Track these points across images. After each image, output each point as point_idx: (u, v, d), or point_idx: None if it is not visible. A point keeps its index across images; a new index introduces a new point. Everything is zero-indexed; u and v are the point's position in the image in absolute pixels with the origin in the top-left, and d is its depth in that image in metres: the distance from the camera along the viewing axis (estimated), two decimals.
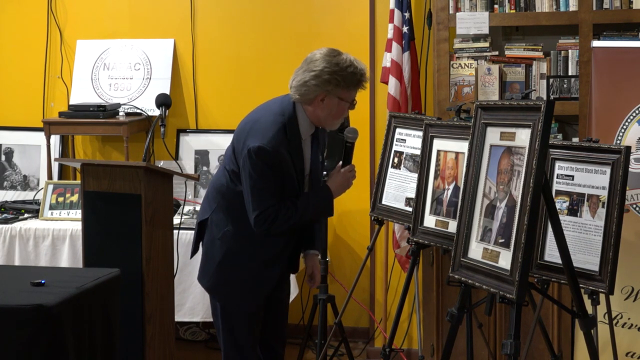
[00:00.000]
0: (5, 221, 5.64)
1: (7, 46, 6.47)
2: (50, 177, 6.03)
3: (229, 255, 4.00)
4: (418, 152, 4.62)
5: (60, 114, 6.00)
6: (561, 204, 3.89)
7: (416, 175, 4.59)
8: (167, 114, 5.07)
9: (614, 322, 4.24)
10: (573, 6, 5.04)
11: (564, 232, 3.37)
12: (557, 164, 3.95)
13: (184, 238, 5.24)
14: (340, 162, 4.10)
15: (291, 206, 3.88)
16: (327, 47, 3.93)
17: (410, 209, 4.62)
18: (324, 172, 4.14)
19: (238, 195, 3.93)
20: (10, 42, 6.46)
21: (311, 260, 4.26)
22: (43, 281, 3.64)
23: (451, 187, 4.35)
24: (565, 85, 5.12)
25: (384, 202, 4.90)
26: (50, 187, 5.84)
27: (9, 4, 6.43)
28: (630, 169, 3.92)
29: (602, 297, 3.85)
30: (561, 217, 3.58)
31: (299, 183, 3.97)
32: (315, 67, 3.83)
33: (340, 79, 3.82)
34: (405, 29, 5.50)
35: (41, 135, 6.05)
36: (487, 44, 5.24)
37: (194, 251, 4.20)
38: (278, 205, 3.85)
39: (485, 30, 5.19)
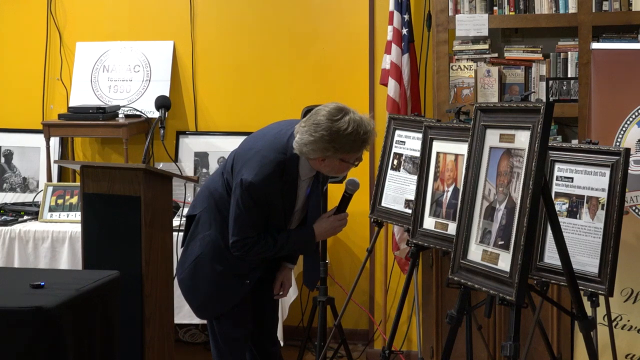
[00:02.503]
0: (5, 223, 5.64)
1: (6, 48, 6.47)
2: (49, 179, 6.03)
3: (204, 256, 4.04)
4: (417, 154, 4.61)
5: (60, 116, 6.00)
6: (560, 205, 3.89)
7: (416, 177, 4.59)
8: (166, 116, 5.07)
9: (614, 324, 4.24)
10: (572, 8, 5.04)
11: (563, 234, 3.37)
12: (557, 165, 3.95)
13: None
14: (334, 208, 4.13)
15: (270, 240, 3.94)
16: (335, 103, 3.84)
17: (409, 211, 4.61)
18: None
19: (227, 204, 3.98)
20: (9, 44, 6.46)
21: (281, 272, 4.29)
22: (42, 283, 3.64)
23: (451, 189, 4.35)
24: (564, 87, 5.12)
25: (383, 204, 4.90)
26: (50, 189, 5.84)
27: (8, 6, 6.43)
28: (629, 171, 3.92)
29: (601, 299, 3.85)
30: (561, 219, 3.58)
31: (287, 216, 4.01)
32: (316, 131, 3.75)
33: (339, 146, 3.76)
34: (404, 31, 5.50)
35: (41, 137, 6.05)
36: (486, 46, 5.24)
37: (183, 243, 4.25)
38: (257, 237, 3.92)
39: (485, 32, 5.19)
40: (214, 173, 4.21)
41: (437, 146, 4.48)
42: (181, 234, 5.04)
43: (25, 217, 5.81)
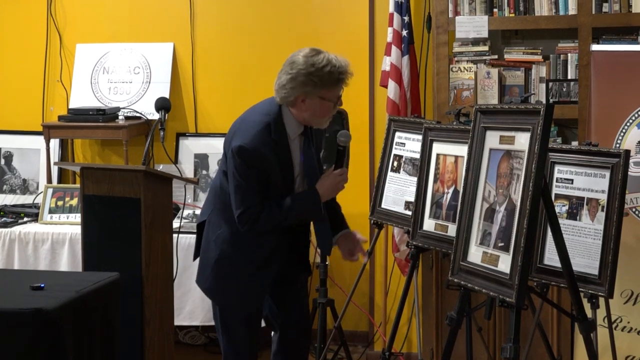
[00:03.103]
0: (5, 225, 5.64)
1: (6, 50, 6.47)
2: (49, 180, 6.03)
3: (222, 257, 4.00)
4: (417, 155, 4.62)
5: (60, 118, 6.00)
6: (560, 207, 3.89)
7: (415, 178, 4.59)
8: (166, 117, 5.07)
9: (614, 325, 4.23)
10: (572, 10, 5.04)
11: (563, 236, 3.37)
12: (557, 167, 3.95)
13: (184, 242, 5.24)
14: (333, 166, 4.08)
15: (274, 206, 3.88)
16: (310, 47, 3.92)
17: (409, 213, 4.62)
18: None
19: (230, 197, 3.95)
20: (9, 46, 6.46)
21: (346, 238, 4.23)
22: (42, 285, 3.64)
23: (451, 190, 4.36)
24: (564, 89, 5.12)
25: (383, 205, 4.91)
26: (50, 190, 5.84)
27: (8, 7, 6.43)
28: (629, 173, 3.92)
29: (601, 300, 3.85)
30: (560, 221, 3.58)
31: (288, 184, 3.96)
32: (292, 69, 3.83)
33: (316, 79, 3.80)
34: (404, 32, 5.50)
35: (41, 139, 6.04)
36: (486, 48, 5.24)
37: (196, 254, 4.19)
38: (261, 204, 3.86)
39: (485, 34, 5.19)
40: (215, 175, 4.20)
41: (437, 148, 4.48)
42: (182, 235, 5.09)
43: (25, 219, 5.81)
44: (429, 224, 4.42)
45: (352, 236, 4.24)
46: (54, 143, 6.21)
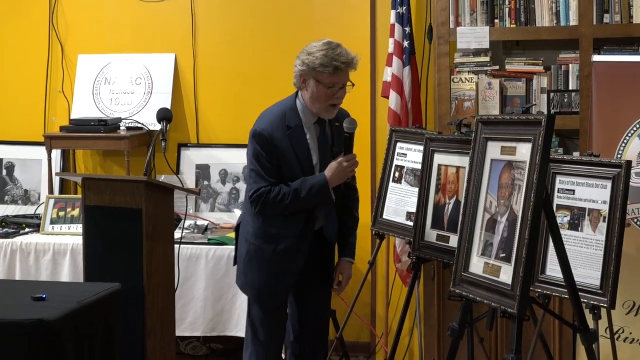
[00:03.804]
0: (7, 236, 5.64)
1: (8, 61, 6.48)
2: (51, 191, 6.03)
3: (251, 250, 4.23)
4: (419, 166, 4.61)
5: (62, 129, 6.01)
6: (562, 218, 3.89)
7: (417, 189, 4.59)
8: (168, 128, 5.08)
9: (616, 336, 4.23)
10: (574, 21, 5.05)
11: (565, 247, 3.37)
12: (558, 178, 3.95)
13: (185, 252, 5.24)
14: (343, 153, 4.24)
15: (284, 188, 4.10)
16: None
17: (411, 224, 4.61)
18: None
19: None
20: (11, 57, 6.47)
21: (340, 266, 4.43)
22: (44, 296, 3.64)
23: (452, 201, 4.35)
24: (566, 100, 5.12)
25: (385, 216, 4.90)
26: (52, 201, 5.84)
27: (10, 18, 6.44)
28: (631, 184, 3.92)
29: (603, 311, 3.85)
30: (562, 232, 3.57)
31: (307, 172, 4.16)
32: (301, 52, 4.20)
33: (310, 61, 4.09)
34: (406, 43, 5.51)
35: (42, 150, 6.05)
36: (487, 59, 5.25)
37: (235, 259, 4.41)
38: (271, 187, 4.10)
39: (486, 45, 5.19)
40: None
41: (439, 159, 4.48)
42: (183, 246, 5.12)
43: (27, 230, 5.81)
44: (430, 235, 4.42)
45: (346, 267, 4.43)
46: (56, 154, 6.21)
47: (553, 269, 3.82)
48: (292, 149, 4.12)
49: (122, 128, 5.99)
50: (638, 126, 4.32)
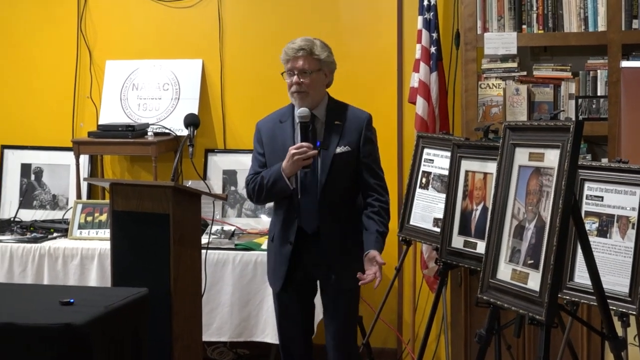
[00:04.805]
0: (35, 240, 5.68)
1: (38, 67, 6.52)
2: (79, 196, 6.06)
3: (268, 240, 4.53)
4: (446, 172, 4.61)
5: (90, 134, 6.04)
6: (590, 225, 3.87)
7: (444, 195, 4.58)
8: (195, 134, 5.09)
9: None
10: (602, 26, 5.03)
11: (593, 254, 3.35)
12: (587, 184, 3.92)
13: (212, 257, 5.25)
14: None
15: (259, 178, 4.35)
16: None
17: (438, 230, 4.61)
18: None
19: None
20: (40, 63, 6.52)
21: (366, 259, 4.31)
22: (72, 300, 3.65)
23: (479, 207, 4.34)
24: (594, 106, 5.10)
25: (411, 222, 4.90)
26: (79, 206, 5.87)
27: (39, 25, 6.49)
28: None
29: (632, 319, 3.82)
30: (590, 238, 3.55)
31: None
32: None
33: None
34: (433, 49, 5.50)
35: (70, 155, 6.08)
36: (515, 64, 5.23)
37: None
38: (255, 175, 4.39)
39: (514, 51, 5.18)
40: None
41: (466, 165, 4.47)
42: (210, 251, 5.13)
43: (55, 235, 5.84)
44: (457, 241, 4.41)
45: (370, 259, 4.28)
46: (84, 159, 6.24)
47: (581, 276, 3.80)
48: (277, 142, 4.36)
49: (149, 133, 6.01)
50: None
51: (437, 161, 4.84)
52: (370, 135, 4.38)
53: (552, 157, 3.28)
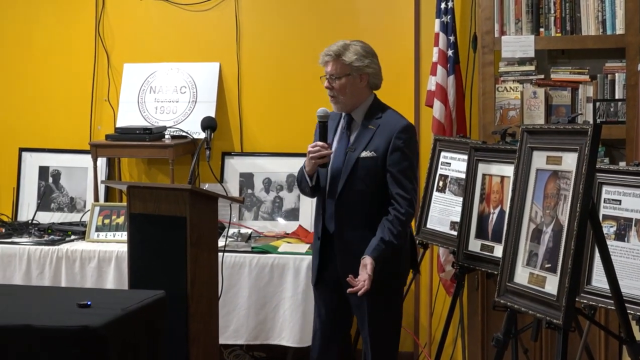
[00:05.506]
0: (52, 243, 5.70)
1: (55, 70, 6.55)
2: (96, 199, 6.08)
3: None
4: (463, 175, 4.60)
5: (107, 137, 6.05)
6: (608, 228, 3.85)
7: (461, 199, 4.58)
8: (212, 137, 5.10)
9: None
10: (620, 29, 5.01)
11: (611, 257, 3.34)
12: (604, 188, 3.91)
13: (229, 260, 5.26)
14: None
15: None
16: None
17: (455, 233, 4.60)
18: None
19: None
20: (58, 66, 6.54)
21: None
22: (89, 302, 3.66)
23: (497, 211, 4.33)
24: (612, 109, 5.08)
25: (428, 225, 4.89)
26: (97, 209, 5.89)
27: (57, 28, 6.51)
28: None
29: None
30: (608, 242, 3.54)
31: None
32: None
33: None
34: (450, 52, 5.50)
35: (88, 158, 6.10)
36: (532, 68, 5.22)
37: None
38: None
39: (531, 54, 5.17)
40: None
41: (483, 168, 4.47)
42: (227, 254, 5.13)
43: (72, 237, 5.86)
44: (474, 245, 4.40)
45: (363, 266, 4.17)
46: (101, 162, 6.26)
47: (599, 280, 3.78)
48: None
49: (166, 136, 6.02)
50: None
51: (454, 164, 4.83)
52: (400, 144, 4.20)
53: (569, 161, 3.28)
